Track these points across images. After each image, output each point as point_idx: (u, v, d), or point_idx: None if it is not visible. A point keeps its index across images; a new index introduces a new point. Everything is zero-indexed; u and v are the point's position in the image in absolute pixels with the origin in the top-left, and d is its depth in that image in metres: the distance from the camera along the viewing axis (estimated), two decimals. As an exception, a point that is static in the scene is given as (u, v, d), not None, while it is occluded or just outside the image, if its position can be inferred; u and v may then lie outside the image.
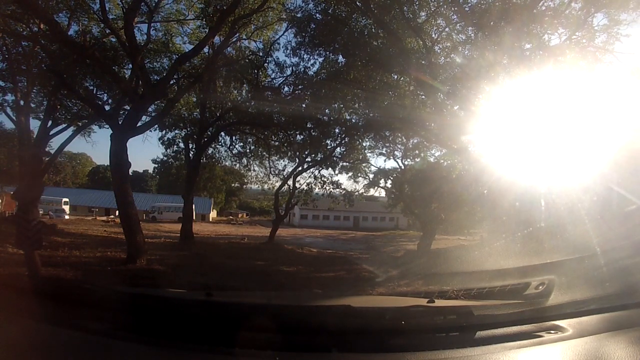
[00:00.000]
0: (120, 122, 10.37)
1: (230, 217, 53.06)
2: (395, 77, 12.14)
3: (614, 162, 12.78)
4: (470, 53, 10.62)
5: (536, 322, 1.75)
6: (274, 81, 15.44)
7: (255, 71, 14.87)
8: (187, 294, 2.53)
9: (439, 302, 2.14)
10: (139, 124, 10.75)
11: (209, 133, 17.31)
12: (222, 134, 18.64)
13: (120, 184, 9.75)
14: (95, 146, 58.43)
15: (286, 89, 15.13)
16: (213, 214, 54.16)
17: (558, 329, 1.71)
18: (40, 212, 32.91)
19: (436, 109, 11.73)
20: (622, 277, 2.96)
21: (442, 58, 11.52)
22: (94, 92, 17.08)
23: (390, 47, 10.38)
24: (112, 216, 38.18)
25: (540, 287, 2.50)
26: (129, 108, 11.95)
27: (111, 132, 9.81)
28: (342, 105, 16.04)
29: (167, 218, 41.45)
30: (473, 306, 1.84)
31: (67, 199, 41.80)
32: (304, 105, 14.29)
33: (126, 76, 15.45)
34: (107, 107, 16.55)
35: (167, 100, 11.91)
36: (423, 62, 10.48)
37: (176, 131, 18.65)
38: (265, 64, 15.24)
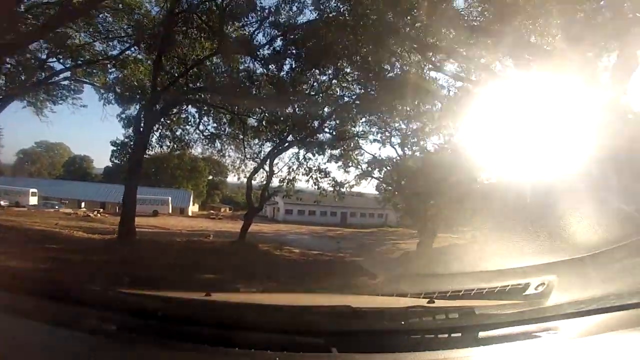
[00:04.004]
0: None
1: (211, 211, 50.20)
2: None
3: (616, 158, 11.27)
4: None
5: (536, 322, 1.69)
6: (246, 28, 12.00)
7: (219, 12, 11.20)
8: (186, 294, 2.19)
9: (439, 302, 2.04)
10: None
11: (165, 102, 13.82)
12: (191, 109, 15.66)
13: None
14: (56, 125, 54.59)
15: (263, 42, 11.87)
16: (194, 208, 51.38)
17: (558, 329, 1.66)
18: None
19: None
20: (622, 277, 3.13)
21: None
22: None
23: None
24: (99, 209, 36.12)
25: (540, 288, 2.51)
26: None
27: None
28: (332, 77, 13.51)
29: (141, 211, 38.69)
30: (473, 306, 1.80)
31: (35, 190, 38.81)
32: (285, 68, 11.41)
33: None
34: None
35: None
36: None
37: (137, 106, 15.81)
38: (234, 3, 11.42)
